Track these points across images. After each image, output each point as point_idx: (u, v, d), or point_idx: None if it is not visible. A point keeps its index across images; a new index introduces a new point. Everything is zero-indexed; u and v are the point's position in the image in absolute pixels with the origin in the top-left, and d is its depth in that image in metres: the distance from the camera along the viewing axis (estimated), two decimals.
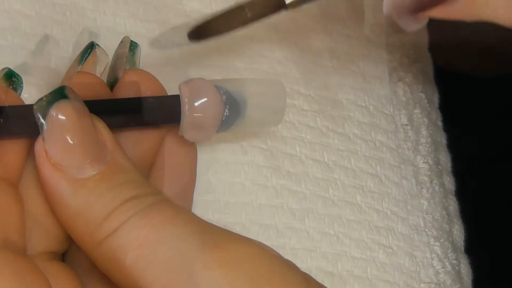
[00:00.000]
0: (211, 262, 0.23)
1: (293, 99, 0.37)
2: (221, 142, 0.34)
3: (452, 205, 0.41)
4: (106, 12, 0.34)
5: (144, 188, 0.25)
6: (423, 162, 0.40)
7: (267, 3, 0.31)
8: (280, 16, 0.32)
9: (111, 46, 0.30)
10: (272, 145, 0.35)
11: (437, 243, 0.38)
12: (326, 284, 0.25)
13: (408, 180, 0.39)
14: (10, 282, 0.23)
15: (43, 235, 0.26)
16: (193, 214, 0.25)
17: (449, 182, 0.42)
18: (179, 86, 0.28)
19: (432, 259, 0.38)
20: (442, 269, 0.38)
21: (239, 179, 0.34)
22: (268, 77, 0.37)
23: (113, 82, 0.29)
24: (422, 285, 0.37)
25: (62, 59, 0.32)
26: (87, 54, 0.29)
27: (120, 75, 0.29)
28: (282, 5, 0.31)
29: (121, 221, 0.24)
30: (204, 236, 0.24)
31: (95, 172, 0.25)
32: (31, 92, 0.30)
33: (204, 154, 0.33)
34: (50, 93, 0.25)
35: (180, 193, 0.30)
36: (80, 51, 0.29)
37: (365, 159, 0.38)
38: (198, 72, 0.34)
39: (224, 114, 0.29)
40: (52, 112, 0.25)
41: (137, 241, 0.24)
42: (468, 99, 0.56)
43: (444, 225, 0.39)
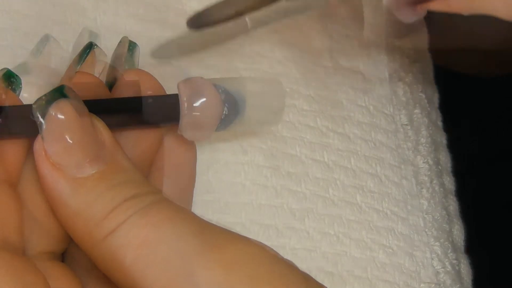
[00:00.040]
0: (211, 262, 0.23)
1: (293, 99, 0.37)
2: (221, 142, 0.34)
3: (452, 205, 0.41)
4: (106, 12, 0.34)
5: (143, 187, 0.25)
6: (423, 162, 0.40)
7: None
8: (280, 16, 0.32)
9: (111, 46, 0.30)
10: (272, 145, 0.35)
11: (437, 243, 0.38)
12: (326, 284, 0.25)
13: (408, 180, 0.39)
14: (8, 283, 0.23)
15: (42, 234, 0.26)
16: (193, 213, 0.25)
17: (449, 182, 0.42)
18: (178, 85, 0.28)
19: (432, 259, 0.38)
20: (442, 269, 0.38)
21: (239, 179, 0.34)
22: (268, 77, 0.37)
23: (111, 82, 0.29)
24: (422, 285, 0.37)
25: (62, 59, 0.31)
26: (86, 55, 0.29)
27: (119, 75, 0.29)
28: None
29: (120, 220, 0.24)
30: (204, 236, 0.24)
31: (94, 171, 0.25)
32: (31, 92, 0.30)
33: (204, 154, 0.33)
34: (49, 92, 0.25)
35: (180, 193, 0.30)
36: (78, 52, 0.29)
37: (365, 159, 0.38)
38: (198, 72, 0.34)
39: (223, 113, 0.29)
40: (51, 111, 0.25)
41: (136, 240, 0.24)
42: (468, 99, 0.56)
43: (444, 225, 0.39)
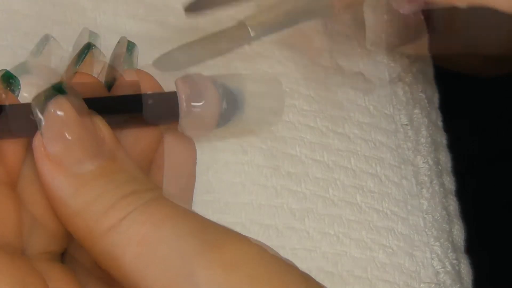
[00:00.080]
0: (211, 262, 0.23)
1: (293, 99, 0.37)
2: (221, 142, 0.34)
3: (452, 205, 0.41)
4: (106, 12, 0.34)
5: (143, 183, 0.25)
6: (423, 162, 0.40)
7: None
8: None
9: (111, 46, 0.30)
10: (272, 145, 0.35)
11: (437, 243, 0.38)
12: (326, 284, 0.25)
13: (408, 180, 0.39)
14: (7, 284, 0.23)
15: (41, 234, 0.26)
16: (192, 211, 0.25)
17: (449, 182, 0.42)
18: (176, 81, 0.28)
19: (432, 259, 0.38)
20: (442, 269, 0.38)
21: (239, 179, 0.34)
22: (268, 76, 0.36)
23: (110, 83, 0.29)
24: (422, 285, 0.37)
25: (62, 59, 0.31)
26: (84, 55, 0.29)
27: (118, 75, 0.29)
28: None
29: (120, 216, 0.24)
30: (204, 236, 0.24)
31: (94, 168, 0.25)
32: (31, 92, 0.30)
33: (204, 154, 0.33)
34: (48, 88, 0.25)
35: (180, 192, 0.30)
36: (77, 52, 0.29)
37: (365, 159, 0.38)
38: (197, 71, 0.34)
39: (222, 108, 0.29)
40: (50, 107, 0.25)
41: (136, 237, 0.24)
42: (468, 99, 0.56)
43: (444, 225, 0.39)
